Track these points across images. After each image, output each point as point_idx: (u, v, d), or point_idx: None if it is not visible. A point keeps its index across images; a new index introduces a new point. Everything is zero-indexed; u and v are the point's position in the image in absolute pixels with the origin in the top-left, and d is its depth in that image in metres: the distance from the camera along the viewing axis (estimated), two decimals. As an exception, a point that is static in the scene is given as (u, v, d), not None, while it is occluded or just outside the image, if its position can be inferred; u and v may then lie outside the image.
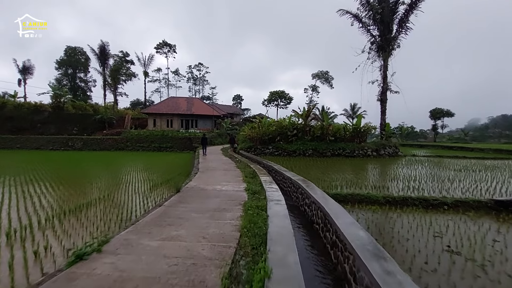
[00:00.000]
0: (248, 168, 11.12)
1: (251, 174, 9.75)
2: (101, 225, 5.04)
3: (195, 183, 7.95)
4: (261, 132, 21.74)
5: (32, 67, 48.61)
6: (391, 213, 6.67)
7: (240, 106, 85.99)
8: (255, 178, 8.91)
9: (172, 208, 5.19)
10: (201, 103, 45.84)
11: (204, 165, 12.70)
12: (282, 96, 68.15)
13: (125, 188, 8.99)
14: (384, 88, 26.05)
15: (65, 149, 30.73)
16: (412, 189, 8.82)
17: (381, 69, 26.70)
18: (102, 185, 9.45)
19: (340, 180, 10.45)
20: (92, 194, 7.99)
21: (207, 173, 10.09)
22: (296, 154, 20.87)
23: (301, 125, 22.27)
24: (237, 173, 10.24)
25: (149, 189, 8.93)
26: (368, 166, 15.68)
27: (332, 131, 21.51)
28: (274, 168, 10.93)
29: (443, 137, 68.63)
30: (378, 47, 26.69)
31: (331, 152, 20.91)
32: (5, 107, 39.22)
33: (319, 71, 64.18)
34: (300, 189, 7.28)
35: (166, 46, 63.92)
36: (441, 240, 5.11)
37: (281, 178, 9.96)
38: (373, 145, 21.67)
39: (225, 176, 9.37)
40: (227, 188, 7.36)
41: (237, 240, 3.69)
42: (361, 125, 21.84)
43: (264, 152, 21.29)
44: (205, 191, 6.84)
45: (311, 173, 11.99)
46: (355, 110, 72.59)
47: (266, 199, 5.70)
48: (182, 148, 30.25)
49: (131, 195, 7.91)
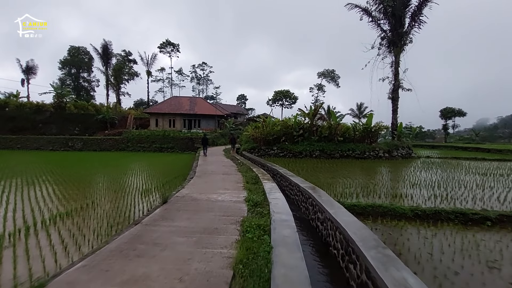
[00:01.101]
0: (250, 172, 9.99)
1: (253, 179, 8.61)
2: (60, 251, 3.94)
3: (188, 191, 6.84)
4: (265, 132, 20.57)
5: (35, 67, 48.38)
6: (423, 231, 5.45)
7: (245, 106, 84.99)
8: (257, 185, 7.77)
9: (150, 228, 4.09)
10: (204, 102, 44.90)
11: (202, 168, 11.61)
12: (287, 95, 66.84)
13: (113, 194, 7.95)
14: (395, 86, 24.61)
15: (65, 150, 30.05)
16: (440, 198, 7.57)
17: (393, 65, 25.26)
18: (89, 191, 8.43)
19: (354, 186, 9.23)
20: (75, 202, 6.96)
21: (204, 178, 8.98)
22: (302, 155, 19.65)
23: (308, 124, 21.03)
24: (237, 178, 9.12)
25: (140, 195, 7.89)
26: (382, 169, 14.39)
27: (341, 131, 20.22)
28: (279, 172, 9.77)
29: (451, 137, 66.35)
30: (389, 42, 25.26)
31: (339, 154, 19.63)
32: (7, 107, 38.93)
33: (325, 70, 62.67)
34: (310, 200, 6.11)
35: (170, 46, 63.12)
36: (499, 273, 3.89)
37: (287, 184, 8.80)
38: (385, 146, 20.30)
39: (224, 182, 8.25)
40: (224, 197, 6.23)
41: (227, 287, 2.56)
42: (372, 125, 20.48)
43: (268, 153, 20.13)
44: (197, 202, 5.73)
45: (320, 177, 10.80)
46: (362, 109, 70.93)
47: (270, 215, 4.57)
48: (184, 148, 29.28)
49: (117, 203, 6.87)
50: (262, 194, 6.38)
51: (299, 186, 7.19)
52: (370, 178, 11.05)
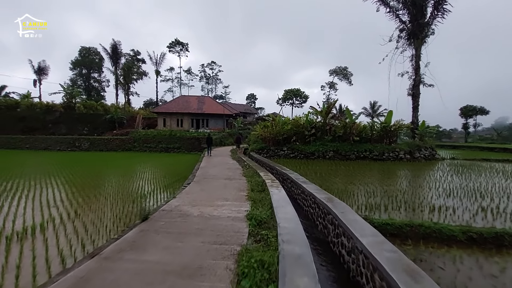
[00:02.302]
0: (256, 176, 8.73)
1: (259, 186, 7.36)
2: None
3: (179, 202, 5.66)
4: (274, 131, 19.24)
5: (47, 68, 48.91)
6: (486, 264, 4.03)
7: (254, 105, 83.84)
8: (264, 193, 6.51)
9: (107, 265, 2.90)
10: (213, 101, 43.99)
11: (203, 171, 10.45)
12: (297, 94, 65.13)
13: (102, 202, 6.90)
14: (416, 81, 22.73)
15: (72, 150, 29.77)
16: (491, 213, 6.07)
17: (413, 59, 23.37)
18: (75, 198, 7.42)
19: (378, 194, 7.81)
20: (53, 213, 5.94)
21: (202, 184, 7.79)
22: (314, 156, 18.21)
23: (321, 123, 19.54)
24: (241, 184, 7.88)
25: (131, 203, 6.82)
26: (406, 173, 12.79)
27: (357, 131, 18.63)
28: (289, 177, 8.46)
29: (471, 137, 62.62)
30: (409, 34, 23.38)
31: (355, 155, 18.07)
32: (19, 107, 39.33)
33: (337, 67, 60.55)
34: (330, 217, 4.79)
35: (179, 45, 62.80)
36: None
37: (299, 192, 7.49)
38: (406, 147, 18.56)
39: (225, 190, 7.02)
40: (221, 212, 5.00)
41: None
42: (392, 123, 18.78)
43: (278, 154, 18.81)
44: (186, 220, 4.52)
45: (337, 183, 9.42)
46: (376, 108, 68.26)
47: (278, 244, 3.30)
48: (190, 148, 28.36)
49: (102, 213, 5.81)
50: (269, 208, 5.11)
51: (314, 197, 5.87)
52: (394, 184, 9.56)
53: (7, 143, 31.60)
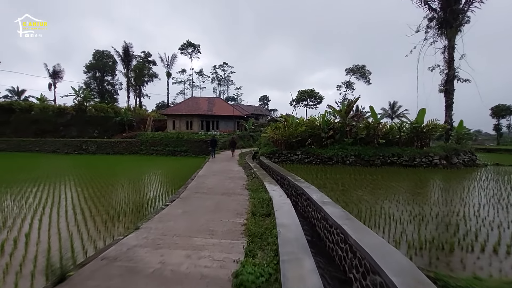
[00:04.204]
0: (262, 191, 6.76)
1: (264, 206, 5.40)
2: None
3: (138, 239, 3.79)
4: (287, 133, 17.18)
5: (62, 71, 49.57)
6: None
7: (267, 107, 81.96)
8: (269, 220, 4.56)
9: None
10: (223, 102, 42.52)
11: (199, 181, 8.60)
12: (311, 95, 62.66)
13: (68, 221, 5.23)
14: (450, 76, 19.95)
15: (78, 153, 29.14)
16: None
17: (445, 51, 20.61)
18: (54, 214, 5.83)
19: (430, 220, 5.61)
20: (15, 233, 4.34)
21: (189, 203, 5.90)
22: (332, 161, 15.98)
23: (340, 124, 17.28)
24: (241, 202, 5.94)
25: (103, 223, 5.14)
26: (454, 185, 10.32)
27: (383, 132, 16.22)
28: (305, 193, 6.37)
29: (504, 139, 57.25)
30: (441, 23, 20.64)
31: (381, 160, 15.67)
32: (32, 110, 39.58)
33: (354, 65, 57.48)
34: (379, 279, 2.74)
35: (190, 47, 62.19)
36: None
37: (319, 216, 5.42)
38: (441, 151, 15.92)
39: (216, 213, 5.11)
40: (197, 264, 3.09)
41: None
42: (424, 123, 16.22)
43: (290, 159, 16.73)
44: (129, 283, 2.63)
45: (366, 198, 7.29)
46: (395, 109, 64.38)
47: None
48: (198, 152, 26.82)
49: (69, 233, 4.14)
50: (273, 256, 3.15)
51: (346, 234, 3.81)
52: (445, 202, 7.26)
53: (18, 146, 31.57)
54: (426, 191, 9.21)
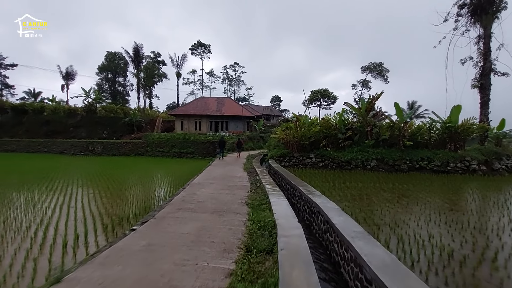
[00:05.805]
0: (265, 210, 5.13)
1: (266, 236, 3.80)
2: None
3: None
4: (299, 134, 15.42)
5: (74, 73, 49.97)
6: None
7: (279, 107, 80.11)
8: (269, 264, 2.94)
9: None
10: (233, 102, 41.14)
11: (190, 192, 7.06)
12: (325, 95, 60.14)
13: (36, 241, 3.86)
14: (486, 68, 17.49)
15: (85, 154, 28.61)
16: None
17: (480, 40, 18.17)
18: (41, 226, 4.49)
19: (504, 258, 3.77)
20: None
21: (160, 230, 4.31)
22: (351, 166, 14.08)
23: (359, 124, 15.33)
24: (233, 231, 4.32)
25: (62, 248, 3.73)
26: (501, 198, 8.28)
27: (410, 133, 14.15)
28: (330, 221, 4.62)
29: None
30: (474, 9, 18.24)
31: (408, 165, 13.61)
32: (44, 111, 39.83)
33: (370, 63, 54.57)
34: None
35: (201, 47, 61.47)
36: None
37: (343, 248, 3.73)
38: (480, 155, 13.66)
39: (192, 251, 3.52)
40: None
41: None
42: (458, 123, 14.01)
43: (303, 162, 14.97)
44: None
45: (404, 218, 5.49)
46: (414, 109, 60.78)
47: None
48: (205, 153, 25.50)
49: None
50: None
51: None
52: (497, 225, 5.34)
53: (28, 146, 31.54)
54: (479, 207, 7.25)
